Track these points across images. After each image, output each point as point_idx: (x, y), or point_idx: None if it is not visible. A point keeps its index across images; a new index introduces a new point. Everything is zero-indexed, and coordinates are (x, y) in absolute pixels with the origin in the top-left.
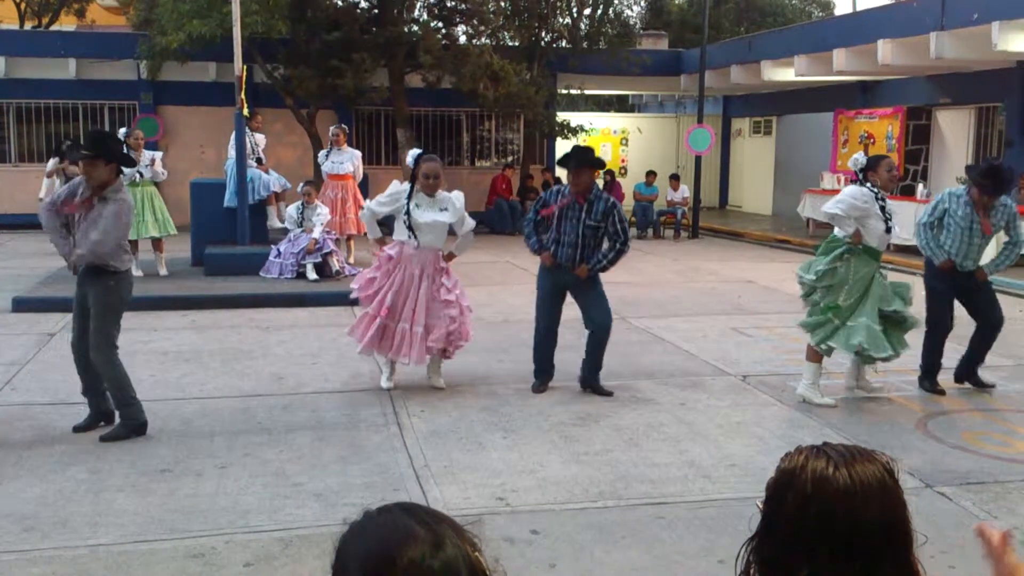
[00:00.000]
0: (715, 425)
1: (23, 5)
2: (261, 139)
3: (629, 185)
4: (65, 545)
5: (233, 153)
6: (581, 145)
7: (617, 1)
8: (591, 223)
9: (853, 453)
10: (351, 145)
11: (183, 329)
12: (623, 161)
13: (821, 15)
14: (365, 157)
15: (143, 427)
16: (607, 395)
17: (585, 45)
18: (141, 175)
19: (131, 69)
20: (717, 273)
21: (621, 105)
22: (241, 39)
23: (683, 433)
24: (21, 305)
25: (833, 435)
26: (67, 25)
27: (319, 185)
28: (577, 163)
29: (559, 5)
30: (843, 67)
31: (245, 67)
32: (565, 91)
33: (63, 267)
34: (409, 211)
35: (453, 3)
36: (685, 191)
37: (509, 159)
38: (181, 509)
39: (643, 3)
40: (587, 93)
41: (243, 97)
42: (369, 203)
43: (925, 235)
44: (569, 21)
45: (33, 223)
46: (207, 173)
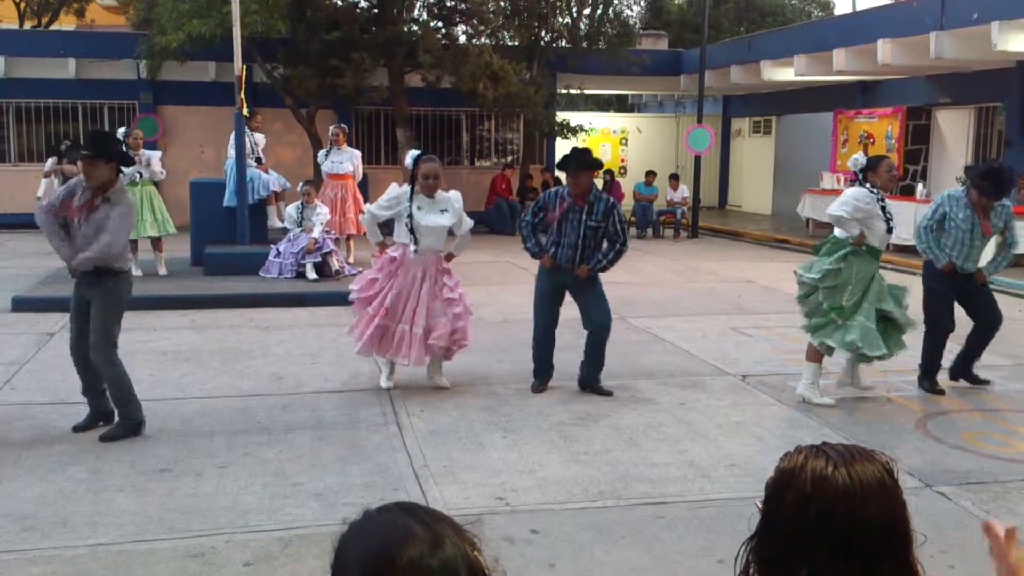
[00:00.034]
0: (714, 425)
1: (23, 5)
2: (261, 139)
3: (629, 185)
4: (65, 545)
5: (233, 153)
6: (579, 147)
7: (617, 1)
8: (592, 224)
9: (852, 453)
10: (351, 145)
11: (183, 329)
12: (623, 161)
13: (821, 15)
14: (365, 157)
15: (140, 426)
16: (607, 395)
17: (585, 45)
18: (141, 175)
19: (131, 69)
20: (717, 273)
21: (621, 105)
22: (241, 39)
23: (682, 433)
24: (21, 305)
25: (832, 435)
26: (67, 25)
27: (319, 185)
28: (576, 166)
29: (559, 5)
30: (843, 67)
31: (245, 67)
32: (565, 91)
33: (63, 267)
34: (412, 214)
35: (453, 3)
36: (685, 191)
37: (509, 159)
38: (181, 509)
39: (643, 3)
40: (587, 93)
41: (243, 97)
42: (370, 207)
43: (926, 238)
44: (569, 21)
45: (33, 223)
46: (207, 173)
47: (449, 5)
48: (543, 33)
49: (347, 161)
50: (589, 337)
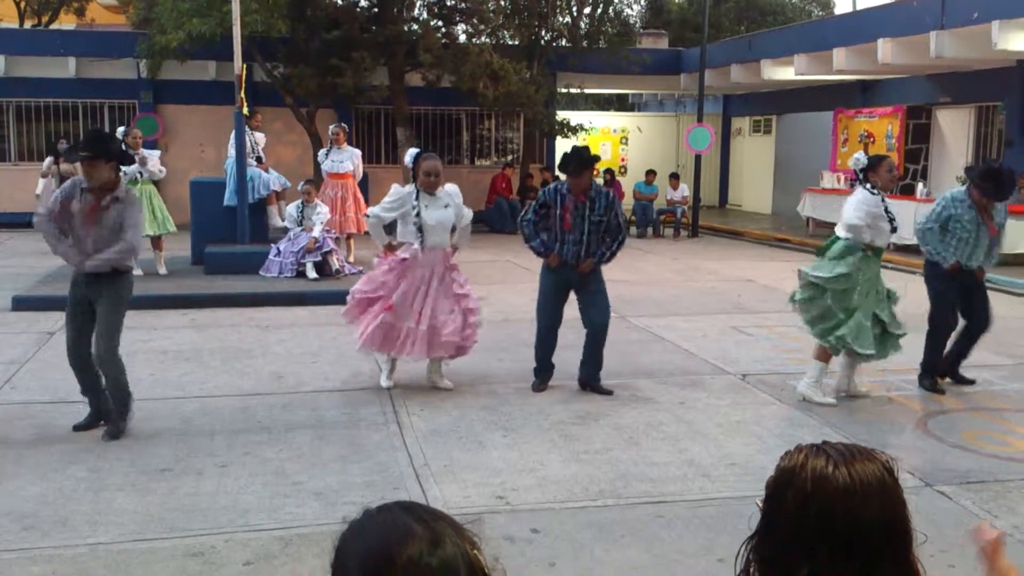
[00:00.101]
0: (715, 424)
1: (23, 4)
2: (261, 138)
3: (629, 184)
4: (65, 544)
5: (233, 152)
6: (577, 146)
7: (617, 0)
8: (595, 219)
9: (853, 452)
10: (351, 144)
11: (183, 328)
12: (623, 160)
13: (821, 14)
14: (365, 156)
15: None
16: (607, 394)
17: (585, 44)
18: (141, 174)
19: (131, 68)
20: (717, 272)
21: (621, 104)
22: (241, 38)
23: (683, 432)
24: (21, 304)
25: (833, 434)
26: (67, 24)
27: (319, 184)
28: (576, 167)
29: (559, 4)
30: (843, 66)
31: (245, 66)
32: (565, 90)
33: (63, 266)
34: (420, 212)
35: (453, 2)
36: (685, 190)
37: (509, 158)
38: (181, 508)
39: (643, 2)
40: (587, 92)
41: (243, 96)
42: (374, 209)
43: (931, 239)
44: (569, 20)
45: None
46: (207, 172)
47: (449, 4)
48: (543, 32)
49: (347, 160)
50: (588, 336)
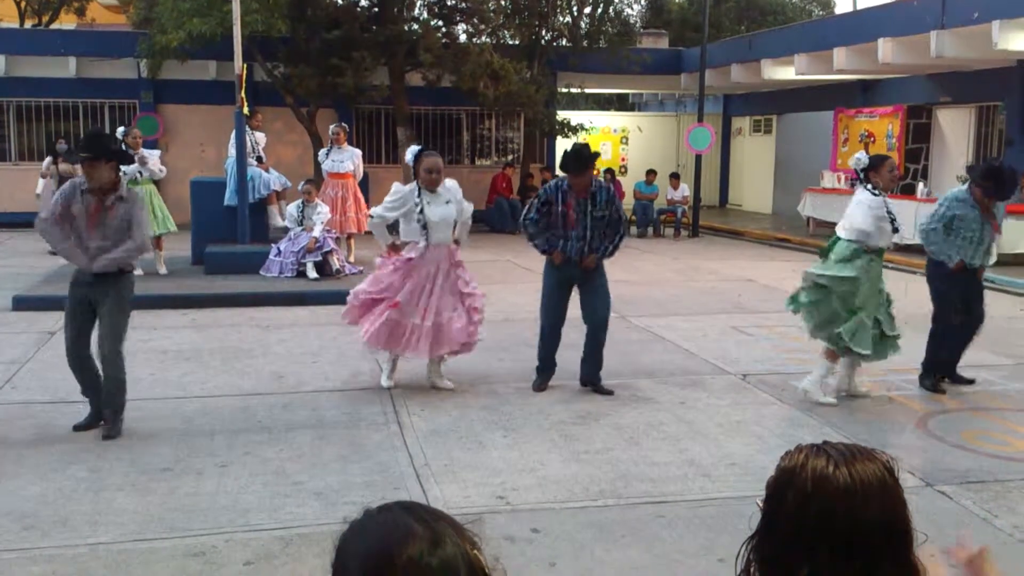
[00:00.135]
0: (715, 424)
1: (23, 3)
2: (261, 137)
3: (629, 184)
4: (65, 544)
5: (233, 152)
6: (578, 145)
7: (617, 0)
8: (598, 214)
9: (853, 452)
10: (351, 144)
11: (183, 328)
12: (623, 160)
13: (821, 14)
14: (365, 156)
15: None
16: (607, 394)
17: (585, 44)
18: (141, 174)
19: (131, 67)
20: (717, 272)
21: (621, 104)
22: (241, 37)
23: (683, 432)
24: (21, 304)
25: (833, 434)
26: (67, 23)
27: (319, 184)
28: (577, 167)
29: (559, 4)
30: (843, 66)
31: (245, 65)
32: (565, 90)
33: (63, 266)
34: (423, 209)
35: (453, 2)
36: (685, 190)
37: (509, 158)
38: (181, 508)
39: (643, 2)
40: (587, 92)
41: (243, 96)
42: (377, 209)
43: (936, 239)
44: (569, 20)
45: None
46: (207, 172)
47: (450, 4)
48: (544, 32)
49: (348, 160)
50: (588, 332)
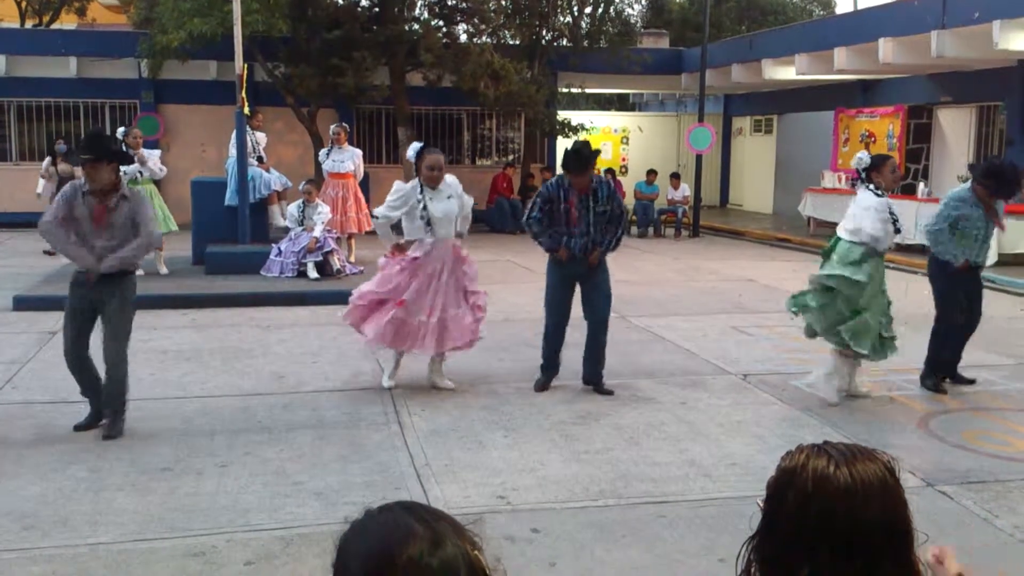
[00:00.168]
0: (716, 424)
1: (24, 3)
2: (262, 137)
3: (630, 184)
4: (65, 544)
5: (234, 152)
6: (578, 144)
7: (618, 0)
8: (600, 210)
9: (854, 452)
10: (352, 144)
11: (183, 328)
12: (624, 160)
13: (822, 14)
14: (366, 156)
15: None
16: (608, 394)
17: (586, 44)
18: (142, 174)
19: (132, 68)
20: (718, 272)
21: (622, 104)
22: (242, 37)
23: (683, 432)
24: (22, 304)
25: (834, 434)
26: (68, 24)
27: (320, 184)
28: (578, 167)
29: (560, 4)
30: (844, 66)
31: (246, 65)
32: (566, 90)
33: (64, 265)
34: (426, 206)
35: (454, 2)
36: (686, 190)
37: (510, 158)
38: (181, 508)
39: (644, 2)
40: (588, 92)
41: (244, 96)
42: (381, 210)
43: (943, 240)
44: (570, 20)
45: (34, 222)
46: (208, 172)
47: (450, 4)
48: (544, 32)
49: (348, 160)
50: (589, 329)
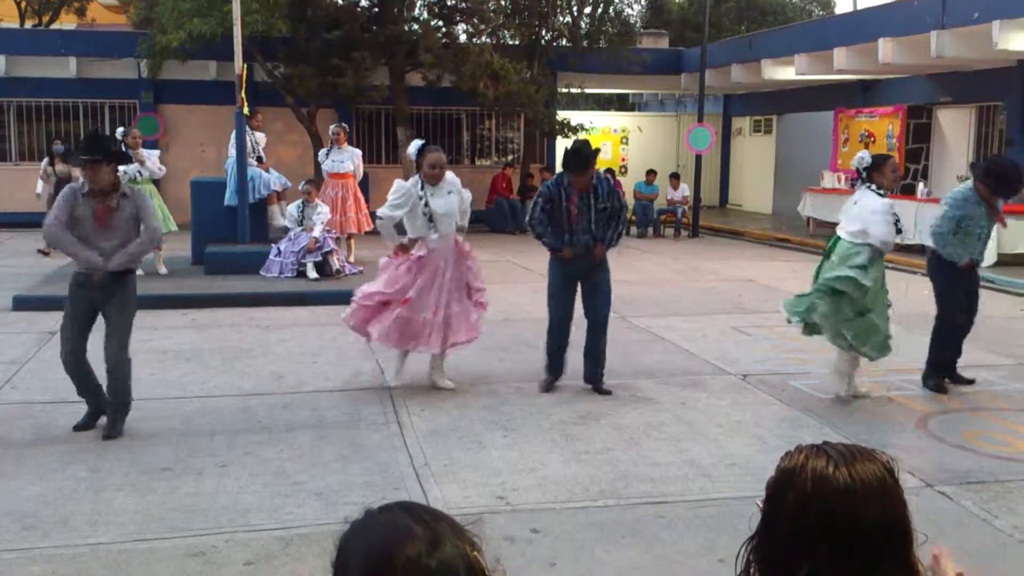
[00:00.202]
0: (715, 424)
1: (23, 3)
2: (261, 138)
3: (629, 184)
4: (65, 544)
5: (233, 152)
6: (578, 143)
7: (617, 0)
8: (601, 207)
9: (853, 452)
10: (351, 144)
11: (183, 328)
12: (623, 160)
13: (822, 14)
14: (365, 156)
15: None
16: (607, 394)
17: (585, 44)
18: (141, 174)
19: (131, 68)
20: (717, 272)
21: (621, 104)
22: (241, 38)
23: (683, 432)
24: (21, 304)
25: (833, 434)
26: (67, 24)
27: (319, 184)
28: (578, 167)
29: (559, 4)
30: (844, 66)
31: (245, 66)
32: (565, 90)
33: (64, 265)
34: (428, 203)
35: (453, 2)
36: (685, 190)
37: (509, 158)
38: (181, 508)
39: (643, 2)
40: (587, 92)
41: (243, 96)
42: (383, 210)
43: (948, 240)
44: (569, 20)
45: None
46: (207, 172)
47: (450, 4)
48: (544, 32)
49: (348, 160)
50: (589, 328)
